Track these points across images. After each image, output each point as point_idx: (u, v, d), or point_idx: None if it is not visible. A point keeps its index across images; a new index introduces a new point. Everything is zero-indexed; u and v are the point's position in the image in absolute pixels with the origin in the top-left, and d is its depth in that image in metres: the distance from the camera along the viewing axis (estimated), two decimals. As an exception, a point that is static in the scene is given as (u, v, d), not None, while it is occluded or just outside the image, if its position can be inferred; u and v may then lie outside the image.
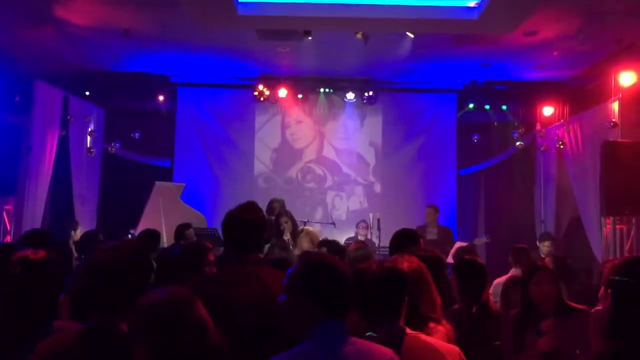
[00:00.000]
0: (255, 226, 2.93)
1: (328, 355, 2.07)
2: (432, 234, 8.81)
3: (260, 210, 3.08)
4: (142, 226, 7.91)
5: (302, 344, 2.09)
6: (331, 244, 4.57)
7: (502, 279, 5.39)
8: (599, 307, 3.61)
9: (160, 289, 2.04)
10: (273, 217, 7.61)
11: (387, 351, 2.18)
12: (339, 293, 2.14)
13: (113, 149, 10.32)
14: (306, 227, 7.24)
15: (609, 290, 2.36)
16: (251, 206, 3.03)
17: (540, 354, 3.28)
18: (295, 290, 2.15)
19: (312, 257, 2.29)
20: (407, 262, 2.69)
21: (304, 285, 2.13)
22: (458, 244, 7.98)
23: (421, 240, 4.13)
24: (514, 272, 5.82)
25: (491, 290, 4.76)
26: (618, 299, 2.23)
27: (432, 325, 2.62)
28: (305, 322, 2.11)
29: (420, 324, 2.56)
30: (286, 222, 7.37)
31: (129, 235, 7.74)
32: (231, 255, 2.94)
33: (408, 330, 2.40)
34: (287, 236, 7.16)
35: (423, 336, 2.44)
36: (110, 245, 2.39)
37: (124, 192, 10.26)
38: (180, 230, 6.76)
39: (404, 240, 3.91)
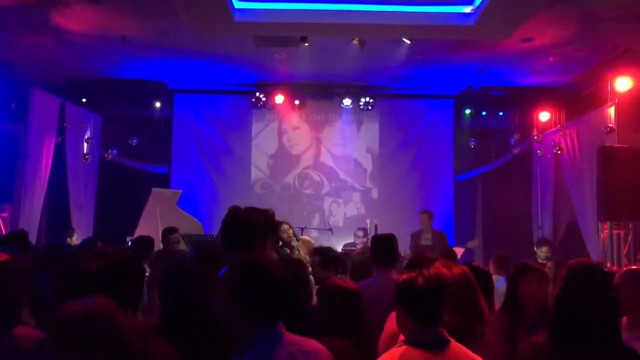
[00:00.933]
0: (251, 227, 2.94)
1: None
2: (427, 240, 8.82)
3: (262, 212, 3.07)
4: (138, 232, 7.90)
5: (238, 352, 2.05)
6: (324, 252, 4.45)
7: None
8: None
9: (80, 300, 1.89)
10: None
11: (322, 349, 2.15)
12: (274, 299, 2.09)
13: (110, 156, 10.31)
14: (303, 237, 7.23)
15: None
16: (253, 209, 3.06)
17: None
18: (230, 297, 2.08)
19: (247, 263, 2.21)
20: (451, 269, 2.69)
21: (238, 292, 2.07)
22: (456, 250, 7.97)
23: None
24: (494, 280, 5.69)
25: None
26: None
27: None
28: (242, 328, 2.06)
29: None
30: (288, 230, 7.23)
31: (128, 241, 7.71)
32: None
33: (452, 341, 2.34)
34: (294, 242, 7.06)
35: (468, 351, 2.35)
36: (95, 252, 2.33)
37: (121, 199, 10.25)
38: (165, 234, 6.76)
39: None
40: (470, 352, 2.35)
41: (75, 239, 8.42)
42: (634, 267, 3.70)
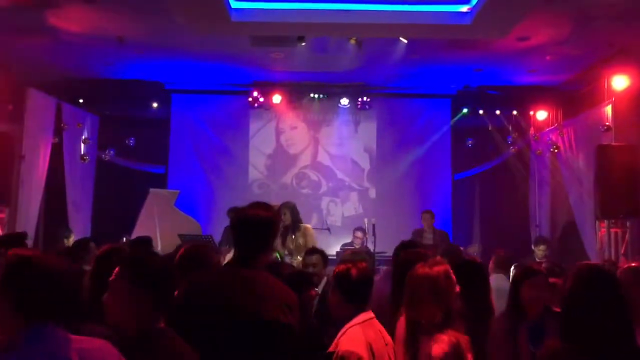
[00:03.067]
0: (265, 225, 2.82)
1: None
2: (428, 239, 8.82)
3: (272, 209, 2.97)
4: (136, 233, 7.88)
5: (6, 353, 1.90)
6: (297, 275, 4.20)
7: None
8: None
9: None
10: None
11: (107, 346, 2.04)
12: (45, 295, 1.94)
13: (107, 156, 10.29)
14: (305, 225, 7.17)
15: None
16: (262, 205, 2.93)
17: None
18: None
19: (16, 255, 2.03)
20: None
21: (3, 287, 1.93)
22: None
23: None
24: (494, 279, 5.33)
25: None
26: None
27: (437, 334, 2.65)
28: (8, 326, 1.91)
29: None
30: (284, 214, 7.13)
31: (124, 240, 7.69)
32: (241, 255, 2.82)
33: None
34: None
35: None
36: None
37: (118, 199, 10.25)
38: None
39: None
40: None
41: (72, 240, 8.40)
42: (633, 264, 3.69)
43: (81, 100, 10.00)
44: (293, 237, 6.92)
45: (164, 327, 2.27)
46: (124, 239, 7.77)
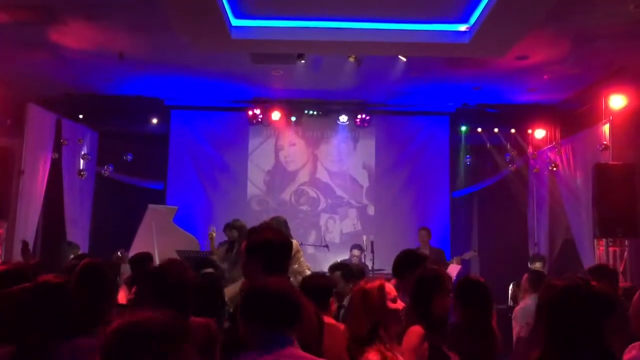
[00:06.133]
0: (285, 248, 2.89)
1: None
2: None
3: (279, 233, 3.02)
4: (134, 249, 7.85)
5: None
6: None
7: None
8: None
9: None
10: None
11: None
12: None
13: (106, 172, 10.28)
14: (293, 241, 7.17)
15: None
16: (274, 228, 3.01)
17: None
18: None
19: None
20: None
21: None
22: (452, 267, 7.96)
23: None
24: (531, 299, 5.21)
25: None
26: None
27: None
28: None
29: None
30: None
31: (119, 254, 7.66)
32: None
33: None
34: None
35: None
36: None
37: (116, 215, 10.23)
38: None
39: (409, 263, 3.93)
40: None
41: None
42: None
43: (81, 116, 10.03)
44: None
45: None
46: (119, 253, 7.73)
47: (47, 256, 8.97)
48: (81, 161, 10.05)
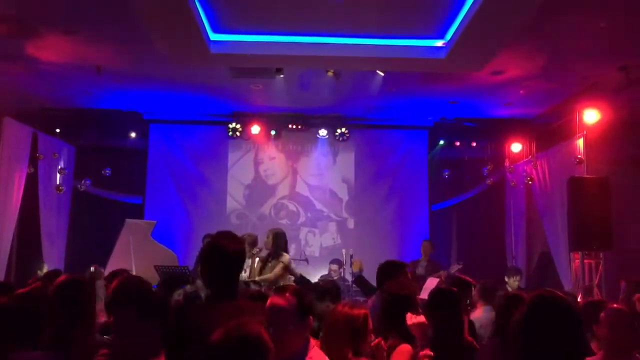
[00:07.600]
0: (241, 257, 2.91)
1: None
2: (422, 268, 8.99)
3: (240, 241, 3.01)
4: (111, 265, 7.75)
5: None
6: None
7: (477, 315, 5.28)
8: None
9: None
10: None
11: None
12: None
13: (83, 187, 10.17)
14: (284, 254, 7.12)
15: None
16: (233, 236, 2.96)
17: None
18: None
19: None
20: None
21: None
22: (430, 281, 7.97)
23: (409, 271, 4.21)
24: (484, 310, 5.33)
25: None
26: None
27: None
28: None
29: None
30: (267, 238, 7.26)
31: (92, 269, 7.54)
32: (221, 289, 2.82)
33: None
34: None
35: None
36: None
37: (94, 230, 10.11)
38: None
39: (391, 270, 3.98)
40: None
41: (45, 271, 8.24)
42: (615, 305, 3.76)
43: (58, 130, 9.92)
44: (269, 264, 6.90)
45: None
46: (92, 268, 7.61)
47: (22, 272, 8.83)
48: (58, 176, 9.93)
